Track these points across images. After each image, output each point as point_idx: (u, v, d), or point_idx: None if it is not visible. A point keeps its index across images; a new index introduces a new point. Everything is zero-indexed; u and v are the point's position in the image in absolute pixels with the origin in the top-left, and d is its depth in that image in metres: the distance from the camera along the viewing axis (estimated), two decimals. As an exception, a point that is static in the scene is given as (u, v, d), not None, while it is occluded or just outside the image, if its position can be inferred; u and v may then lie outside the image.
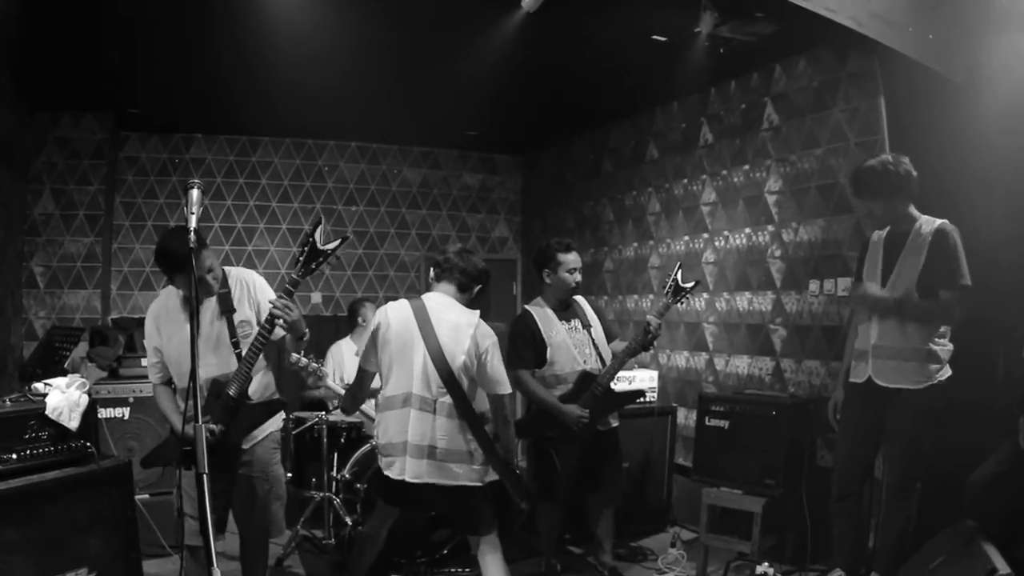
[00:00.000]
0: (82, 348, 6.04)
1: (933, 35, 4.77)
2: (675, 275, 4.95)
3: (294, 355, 4.70)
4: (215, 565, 2.34)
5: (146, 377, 5.61)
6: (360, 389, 4.34)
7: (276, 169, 9.13)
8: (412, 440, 3.97)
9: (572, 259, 5.14)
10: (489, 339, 4.09)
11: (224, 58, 6.16)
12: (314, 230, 3.66)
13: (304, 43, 5.59)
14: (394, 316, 4.10)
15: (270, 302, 3.72)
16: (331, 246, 3.68)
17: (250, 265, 8.52)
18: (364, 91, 7.17)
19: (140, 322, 7.47)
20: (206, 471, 2.46)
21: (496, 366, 4.11)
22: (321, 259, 3.68)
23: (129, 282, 8.55)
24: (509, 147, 10.15)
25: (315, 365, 4.93)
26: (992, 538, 3.84)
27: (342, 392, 5.49)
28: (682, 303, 5.04)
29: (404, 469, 3.98)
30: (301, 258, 3.67)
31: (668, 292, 4.94)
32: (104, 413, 5.38)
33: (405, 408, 4.01)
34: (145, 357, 5.89)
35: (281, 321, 3.71)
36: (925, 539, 4.36)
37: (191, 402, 2.58)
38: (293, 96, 7.13)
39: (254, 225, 8.95)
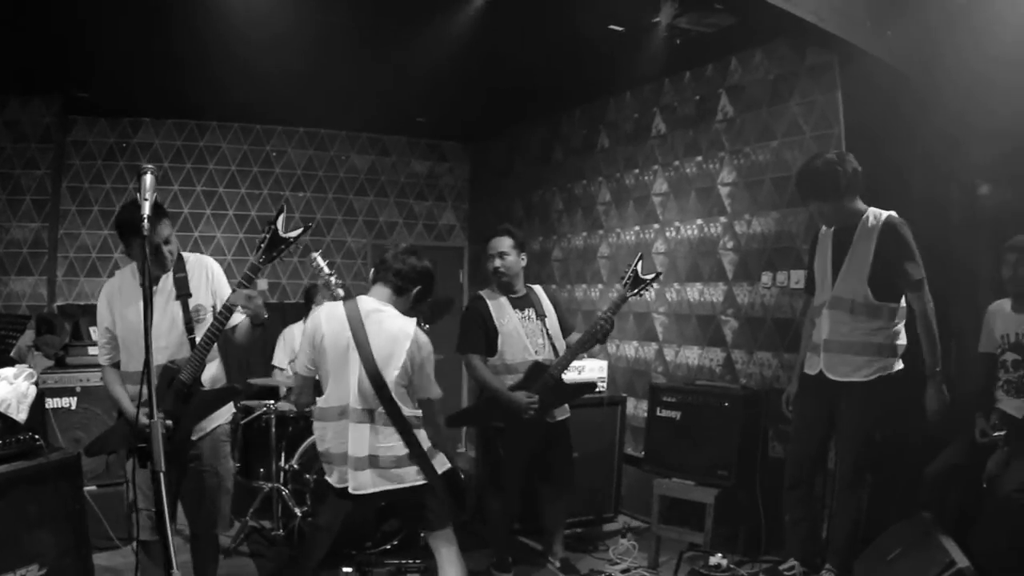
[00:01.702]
0: (28, 336, 5.86)
1: (891, 31, 4.82)
2: (635, 266, 4.88)
3: (319, 259, 4.57)
4: (175, 567, 2.25)
5: (94, 366, 5.52)
6: (305, 394, 4.14)
7: (224, 154, 8.94)
8: (353, 452, 3.84)
9: (492, 244, 5.10)
10: (424, 350, 3.93)
11: (175, 41, 5.98)
12: (277, 217, 3.58)
13: (256, 27, 5.43)
14: (327, 323, 3.92)
15: (230, 296, 3.63)
16: (293, 234, 3.60)
17: (196, 251, 8.37)
18: (314, 76, 7.03)
19: (86, 309, 7.37)
20: (163, 469, 2.36)
21: (427, 375, 3.95)
22: (283, 247, 3.60)
23: (75, 268, 8.33)
24: (458, 134, 10.06)
25: (337, 283, 4.76)
26: (948, 530, 3.91)
27: None
28: (641, 295, 5.00)
29: (345, 479, 3.88)
30: (262, 244, 3.58)
31: (627, 283, 4.88)
32: (51, 403, 5.29)
33: (342, 420, 3.88)
34: (93, 345, 5.80)
35: (240, 309, 3.61)
36: (878, 530, 4.43)
37: (145, 392, 2.48)
38: (243, 80, 6.97)
39: (200, 211, 8.75)
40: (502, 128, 9.51)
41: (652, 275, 4.92)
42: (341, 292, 5.04)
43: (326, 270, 4.70)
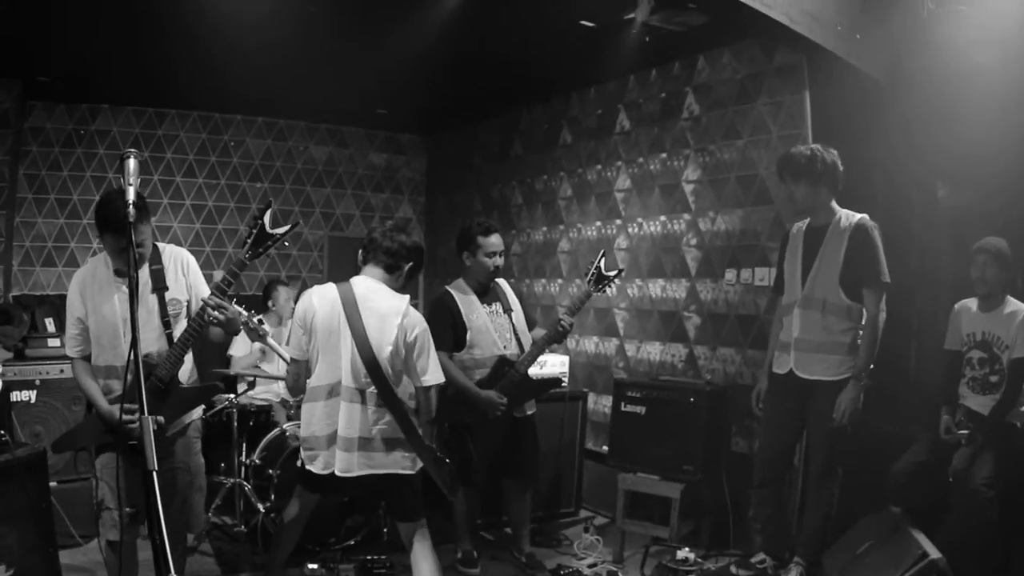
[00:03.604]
0: (-14, 328, 5.71)
1: (860, 35, 4.89)
2: (598, 263, 4.93)
3: (236, 307, 4.50)
4: (173, 572, 2.18)
5: (54, 358, 5.41)
6: (299, 380, 4.08)
7: (182, 143, 8.75)
8: (342, 432, 3.85)
9: (493, 242, 5.07)
10: (418, 327, 3.97)
11: (136, 27, 5.84)
12: (263, 213, 3.50)
13: (217, 15, 5.34)
14: (320, 302, 3.95)
15: (204, 300, 3.55)
16: (280, 231, 3.53)
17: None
18: (274, 65, 6.88)
19: (42, 300, 7.16)
20: (155, 468, 2.29)
21: (425, 356, 4.00)
22: (270, 243, 3.53)
23: (31, 257, 8.09)
24: (416, 127, 10.00)
25: (255, 322, 4.72)
26: (916, 524, 3.99)
27: (281, 352, 5.27)
28: (604, 291, 5.04)
29: (331, 463, 3.87)
30: (249, 240, 3.50)
31: (590, 280, 4.92)
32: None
33: (333, 399, 3.88)
34: (52, 337, 5.67)
35: (215, 317, 3.54)
36: (846, 524, 4.51)
37: (135, 388, 2.41)
38: (202, 69, 6.84)
39: (157, 200, 8.51)
40: (461, 122, 9.46)
41: (615, 272, 4.97)
42: (267, 327, 5.02)
43: (244, 314, 4.67)
